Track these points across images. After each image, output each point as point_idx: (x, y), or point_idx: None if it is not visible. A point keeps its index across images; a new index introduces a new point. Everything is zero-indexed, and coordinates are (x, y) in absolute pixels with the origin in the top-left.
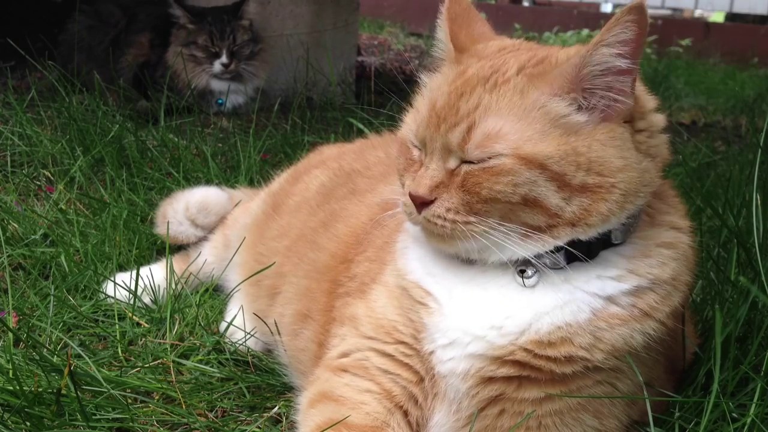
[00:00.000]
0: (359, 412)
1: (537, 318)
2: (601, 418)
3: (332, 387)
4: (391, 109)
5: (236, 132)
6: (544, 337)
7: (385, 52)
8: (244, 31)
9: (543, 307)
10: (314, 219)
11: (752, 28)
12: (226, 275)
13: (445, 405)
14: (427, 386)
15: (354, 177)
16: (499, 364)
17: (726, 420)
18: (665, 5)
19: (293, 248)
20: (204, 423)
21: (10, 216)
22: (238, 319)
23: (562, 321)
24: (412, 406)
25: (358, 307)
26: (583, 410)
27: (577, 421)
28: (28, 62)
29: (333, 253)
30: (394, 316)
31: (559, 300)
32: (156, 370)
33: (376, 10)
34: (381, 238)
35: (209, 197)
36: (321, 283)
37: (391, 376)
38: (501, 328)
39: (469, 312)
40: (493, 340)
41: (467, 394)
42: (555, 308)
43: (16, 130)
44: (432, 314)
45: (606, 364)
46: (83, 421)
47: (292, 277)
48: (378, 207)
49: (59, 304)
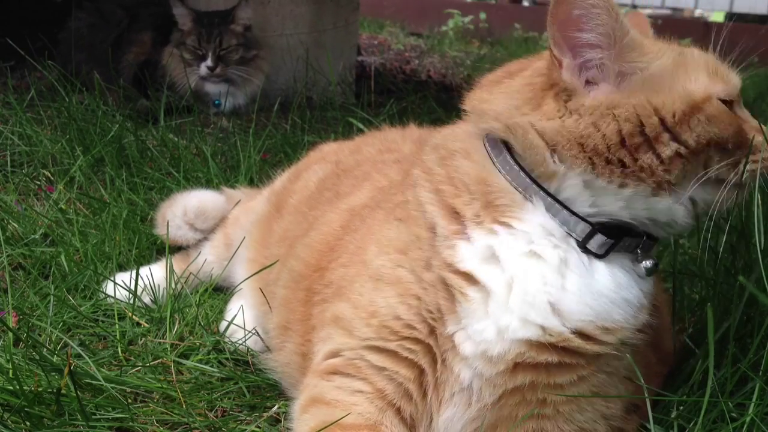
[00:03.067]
0: (352, 414)
1: (613, 307)
2: (608, 401)
3: (322, 391)
4: (391, 108)
5: (236, 132)
6: (609, 324)
7: (385, 51)
8: (233, 35)
9: (627, 296)
10: (301, 228)
11: (752, 28)
12: (232, 272)
13: (458, 396)
14: (428, 378)
15: (342, 178)
16: (543, 350)
17: (725, 420)
18: (665, 5)
19: (286, 253)
20: (204, 422)
21: (10, 216)
22: (239, 318)
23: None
24: (406, 402)
25: (340, 307)
26: (596, 393)
27: (590, 404)
28: (27, 62)
29: (306, 262)
30: (392, 301)
31: (640, 292)
32: (156, 369)
33: (376, 10)
34: (354, 243)
35: (206, 203)
36: (296, 293)
37: (388, 373)
38: (570, 314)
39: (530, 296)
40: (552, 325)
41: (491, 382)
42: (632, 298)
43: (15, 129)
44: (471, 301)
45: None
46: (83, 420)
47: (277, 287)
48: (347, 213)
49: (59, 304)
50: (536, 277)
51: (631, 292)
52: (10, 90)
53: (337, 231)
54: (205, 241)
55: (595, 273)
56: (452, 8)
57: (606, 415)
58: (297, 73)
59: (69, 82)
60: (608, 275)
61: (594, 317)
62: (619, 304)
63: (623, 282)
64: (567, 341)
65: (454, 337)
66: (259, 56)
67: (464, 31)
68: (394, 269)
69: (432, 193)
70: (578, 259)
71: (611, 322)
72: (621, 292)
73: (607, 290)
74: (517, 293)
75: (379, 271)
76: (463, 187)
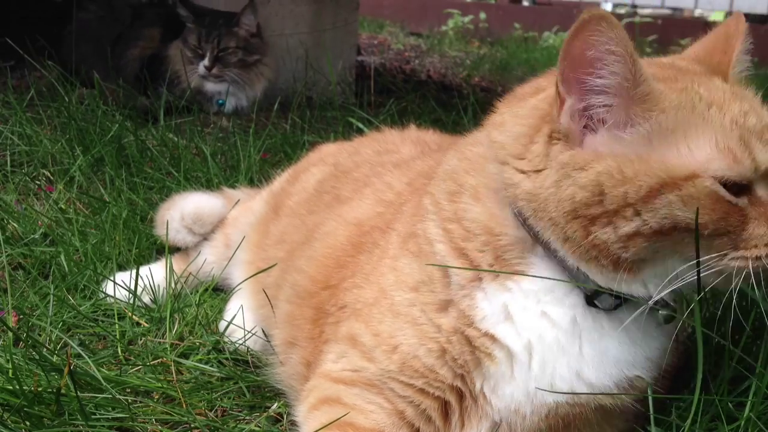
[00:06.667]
0: (366, 417)
1: (634, 369)
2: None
3: (339, 394)
4: (391, 108)
5: (236, 131)
6: (633, 382)
7: (385, 51)
8: (233, 38)
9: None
10: (300, 232)
11: (752, 28)
12: (230, 273)
13: (485, 427)
14: (454, 407)
15: (342, 180)
16: (575, 405)
17: (721, 419)
18: (665, 5)
19: (286, 262)
20: (204, 422)
21: (10, 215)
22: (238, 318)
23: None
24: (425, 425)
25: (356, 328)
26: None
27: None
28: (27, 62)
29: (312, 278)
30: (419, 350)
31: (662, 339)
32: (156, 369)
33: (376, 9)
34: (369, 264)
35: (202, 208)
36: (303, 309)
37: (411, 400)
38: (594, 380)
39: (550, 364)
40: (579, 390)
41: (523, 427)
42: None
43: (15, 129)
44: (497, 363)
45: None
46: (83, 420)
47: (280, 300)
48: (355, 227)
49: (59, 304)
50: (553, 344)
51: (651, 345)
52: (10, 90)
53: (345, 246)
54: (204, 241)
55: (607, 336)
56: (452, 8)
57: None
58: (297, 73)
59: (69, 82)
60: (623, 337)
61: (616, 382)
62: (640, 364)
63: (639, 339)
64: (597, 399)
65: (483, 390)
66: (261, 62)
67: (464, 31)
68: (410, 308)
69: (441, 231)
70: (589, 319)
71: (635, 381)
72: (639, 351)
73: (623, 354)
74: (537, 360)
75: (397, 306)
76: (472, 233)
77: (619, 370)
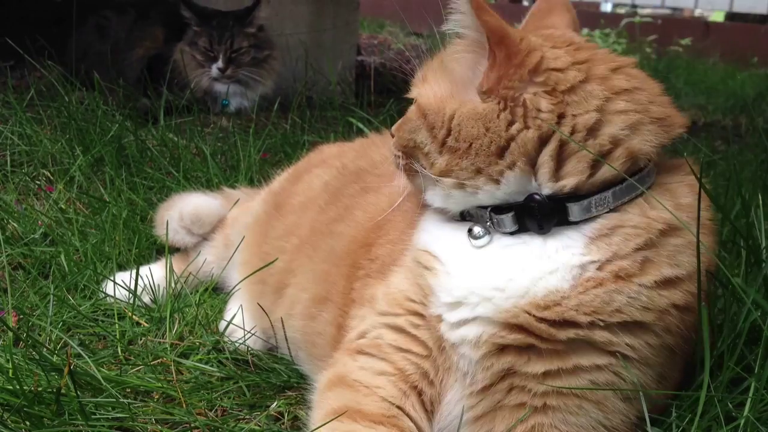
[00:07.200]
0: (374, 398)
1: (534, 283)
2: (606, 412)
3: (348, 371)
4: (391, 108)
5: (236, 131)
6: (540, 300)
7: (385, 51)
8: (245, 37)
9: (538, 272)
10: (325, 215)
11: (752, 28)
12: (228, 274)
13: (458, 380)
14: (438, 360)
15: (363, 175)
16: (508, 330)
17: (719, 422)
18: (665, 4)
19: (306, 243)
20: (204, 421)
21: (10, 215)
22: (238, 318)
23: (552, 286)
24: (426, 385)
25: (377, 288)
26: (584, 398)
27: (581, 410)
28: (27, 61)
29: (352, 238)
30: (405, 285)
31: (550, 266)
32: (156, 369)
33: (376, 9)
34: (403, 222)
35: (201, 209)
36: (340, 268)
37: (403, 353)
38: (504, 290)
39: (474, 273)
40: (499, 302)
41: (480, 366)
42: (546, 274)
43: (15, 129)
44: (437, 275)
45: (600, 342)
46: (83, 420)
47: (308, 267)
48: (396, 194)
49: (59, 304)
50: (473, 257)
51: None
52: (10, 90)
53: (384, 210)
54: (204, 241)
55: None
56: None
57: (607, 426)
58: (297, 72)
59: (69, 82)
60: (533, 255)
61: (525, 292)
62: (545, 283)
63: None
64: (517, 317)
65: (440, 324)
66: (271, 56)
67: None
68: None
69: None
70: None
71: (543, 299)
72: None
73: (534, 269)
74: (462, 264)
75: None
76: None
77: (528, 281)
